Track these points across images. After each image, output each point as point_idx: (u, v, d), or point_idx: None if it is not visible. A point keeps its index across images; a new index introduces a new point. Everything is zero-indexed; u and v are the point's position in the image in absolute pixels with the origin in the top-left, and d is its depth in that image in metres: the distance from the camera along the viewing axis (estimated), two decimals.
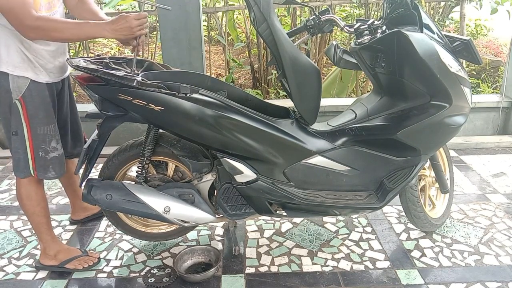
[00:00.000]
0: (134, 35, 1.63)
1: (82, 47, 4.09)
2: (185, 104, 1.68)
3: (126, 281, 1.97)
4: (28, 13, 1.54)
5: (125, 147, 1.97)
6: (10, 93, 1.73)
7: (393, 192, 1.93)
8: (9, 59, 1.69)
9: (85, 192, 1.87)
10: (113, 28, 1.60)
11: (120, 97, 1.66)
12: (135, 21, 1.58)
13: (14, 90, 1.73)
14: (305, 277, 1.97)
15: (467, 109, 1.92)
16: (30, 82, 1.74)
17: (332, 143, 1.92)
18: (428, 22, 1.83)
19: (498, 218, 2.42)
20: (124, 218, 2.09)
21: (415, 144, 1.89)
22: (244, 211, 1.93)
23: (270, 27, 1.68)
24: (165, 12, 3.10)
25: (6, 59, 1.69)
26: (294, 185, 1.90)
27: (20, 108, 1.75)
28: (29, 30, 1.57)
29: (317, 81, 1.83)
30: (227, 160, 1.81)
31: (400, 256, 2.11)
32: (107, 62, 1.77)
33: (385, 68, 1.87)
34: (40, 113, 1.79)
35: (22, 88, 1.73)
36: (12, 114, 1.77)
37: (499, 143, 3.39)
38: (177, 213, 1.86)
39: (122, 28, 1.59)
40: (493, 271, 2.00)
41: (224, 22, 4.39)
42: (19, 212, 2.48)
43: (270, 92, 4.39)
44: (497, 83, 4.72)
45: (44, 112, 1.80)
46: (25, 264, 2.07)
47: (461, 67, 1.88)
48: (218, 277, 1.97)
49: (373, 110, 1.95)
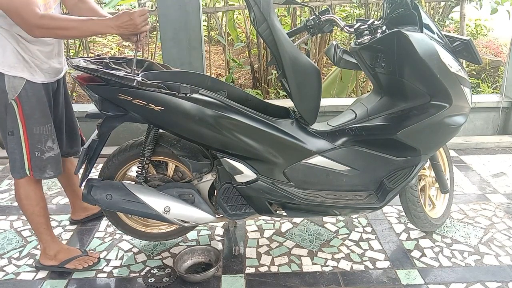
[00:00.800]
0: (138, 31, 1.64)
1: (82, 47, 4.09)
2: (185, 104, 1.67)
3: (126, 281, 1.96)
4: (32, 11, 1.55)
5: (125, 147, 1.97)
6: (5, 93, 1.73)
7: (393, 192, 1.93)
8: (4, 60, 1.70)
9: (85, 192, 1.87)
10: (117, 24, 1.60)
11: (120, 97, 1.66)
12: (138, 17, 1.59)
13: (10, 90, 1.73)
14: (305, 277, 1.97)
15: (467, 109, 1.92)
16: (26, 82, 1.75)
17: (332, 143, 1.92)
18: (428, 22, 1.83)
19: (498, 218, 2.42)
20: (124, 218, 2.09)
21: (415, 144, 1.89)
22: (244, 211, 1.93)
23: (270, 27, 1.68)
24: (165, 12, 3.10)
25: (1, 60, 1.70)
26: (294, 185, 1.90)
27: (16, 108, 1.75)
28: (34, 28, 1.57)
29: (317, 81, 1.83)
30: (227, 160, 1.81)
31: (400, 256, 2.11)
32: (107, 62, 1.77)
33: (385, 68, 1.87)
34: (36, 113, 1.79)
35: (18, 88, 1.74)
36: (7, 114, 1.77)
37: (499, 143, 3.39)
38: (177, 213, 1.86)
39: (127, 25, 1.60)
40: (493, 271, 2.00)
41: (224, 22, 4.39)
42: (19, 212, 2.48)
43: (270, 92, 4.39)
44: (497, 83, 4.72)
45: (40, 112, 1.80)
46: (25, 264, 2.07)
47: (461, 67, 1.88)
48: (218, 277, 1.97)
49: (373, 110, 1.95)
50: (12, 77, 1.72)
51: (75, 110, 2.16)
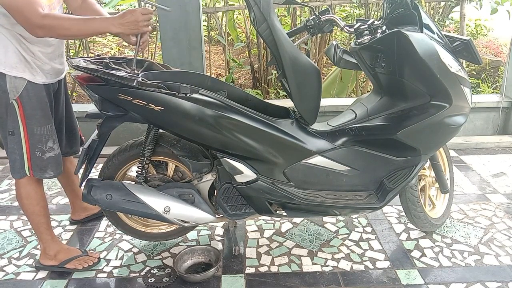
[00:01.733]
0: (140, 30, 1.63)
1: (82, 47, 4.09)
2: (185, 104, 1.67)
3: (126, 281, 1.96)
4: (35, 11, 1.55)
5: (125, 147, 1.97)
6: (7, 93, 1.73)
7: (393, 192, 1.93)
8: (6, 60, 1.70)
9: (85, 192, 1.87)
10: (120, 22, 1.59)
11: (120, 97, 1.66)
12: (141, 15, 1.59)
13: (11, 90, 1.73)
14: (305, 277, 1.97)
15: (467, 109, 1.92)
16: (27, 83, 1.74)
17: (332, 143, 1.92)
18: (428, 22, 1.83)
19: (498, 218, 2.42)
20: (124, 218, 2.09)
21: (415, 144, 1.89)
22: (244, 211, 1.93)
23: (270, 27, 1.68)
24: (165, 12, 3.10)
25: (3, 60, 1.69)
26: (294, 185, 1.90)
27: (17, 108, 1.75)
28: (36, 28, 1.57)
29: (317, 81, 1.83)
30: (227, 160, 1.81)
31: (400, 256, 2.11)
32: (107, 62, 1.77)
33: (385, 68, 1.87)
34: (37, 114, 1.79)
35: (19, 89, 1.74)
36: (8, 114, 1.77)
37: (499, 143, 3.39)
38: (177, 213, 1.86)
39: (129, 22, 1.59)
40: (493, 271, 2.00)
41: (224, 22, 4.39)
42: (19, 212, 2.48)
43: (270, 92, 4.39)
44: (497, 83, 4.72)
45: (41, 112, 1.80)
46: (25, 264, 2.07)
47: (461, 67, 1.88)
48: (218, 277, 1.97)
49: (373, 110, 1.95)
50: (14, 77, 1.72)
51: (75, 110, 2.16)
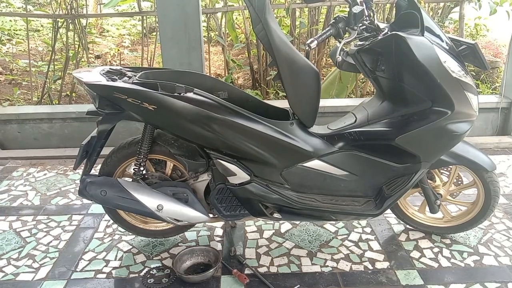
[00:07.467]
0: None
1: (81, 47, 4.09)
2: (177, 103, 1.68)
3: (125, 281, 1.96)
4: None
5: (124, 145, 1.99)
6: None
7: (391, 199, 1.90)
8: None
9: (81, 187, 1.90)
10: None
11: (115, 95, 1.69)
12: None
13: None
14: (304, 278, 1.97)
15: (473, 116, 1.83)
16: None
17: (330, 147, 1.90)
18: (431, 25, 1.75)
19: (497, 219, 2.42)
20: (123, 215, 2.12)
21: (414, 150, 1.83)
22: (238, 212, 1.93)
23: (264, 28, 1.67)
24: (164, 12, 3.10)
25: None
26: (290, 187, 1.88)
27: None
28: None
29: (315, 84, 1.81)
30: (220, 162, 1.81)
31: (400, 257, 2.11)
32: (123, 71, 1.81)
33: (386, 72, 1.82)
34: None
35: None
36: None
37: (499, 143, 3.39)
38: (170, 212, 1.87)
39: None
40: (492, 272, 2.00)
41: (223, 23, 4.39)
42: (18, 212, 2.48)
43: (269, 93, 4.39)
44: (496, 83, 4.72)
45: None
46: (24, 265, 2.07)
47: (466, 72, 1.79)
48: (217, 277, 1.97)
49: (373, 115, 1.91)
50: None
51: (75, 111, 2.17)
